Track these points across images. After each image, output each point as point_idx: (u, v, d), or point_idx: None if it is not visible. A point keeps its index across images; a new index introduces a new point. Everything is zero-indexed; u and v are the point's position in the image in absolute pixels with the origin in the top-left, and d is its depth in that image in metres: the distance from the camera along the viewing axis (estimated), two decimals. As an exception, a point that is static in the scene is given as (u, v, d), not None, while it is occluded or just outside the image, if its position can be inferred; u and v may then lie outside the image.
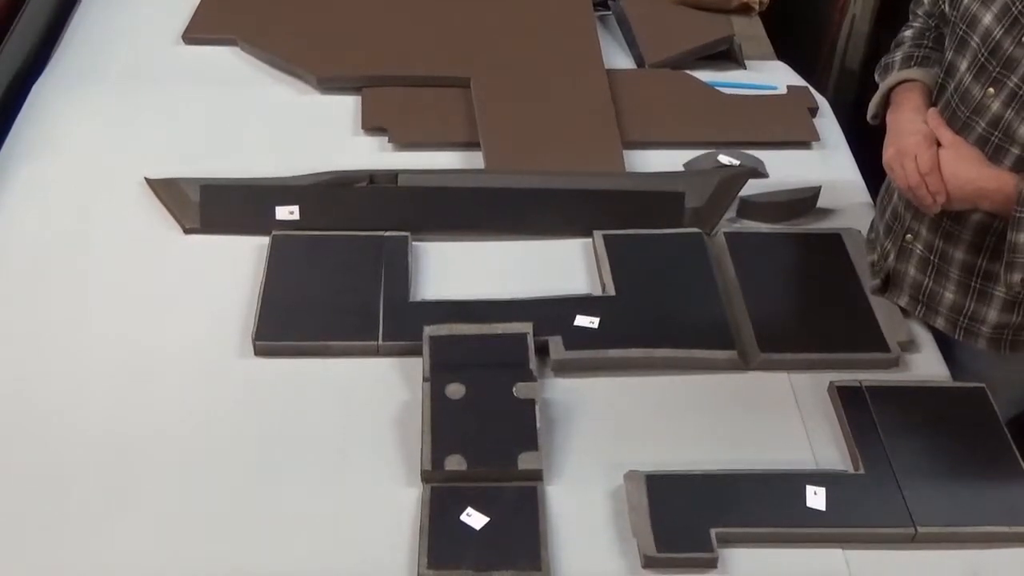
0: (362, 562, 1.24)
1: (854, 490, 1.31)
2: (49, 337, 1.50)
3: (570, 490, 1.33)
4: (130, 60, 2.05)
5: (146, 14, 2.17)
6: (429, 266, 1.63)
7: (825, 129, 1.93)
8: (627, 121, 1.90)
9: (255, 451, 1.36)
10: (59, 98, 1.93)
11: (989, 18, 1.34)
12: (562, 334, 1.49)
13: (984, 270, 1.43)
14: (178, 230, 1.68)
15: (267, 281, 1.55)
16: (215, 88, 1.98)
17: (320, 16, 2.13)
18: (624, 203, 1.71)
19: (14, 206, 1.71)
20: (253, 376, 1.46)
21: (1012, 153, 1.33)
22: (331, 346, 1.49)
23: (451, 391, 1.40)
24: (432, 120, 1.90)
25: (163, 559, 1.24)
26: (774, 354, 1.49)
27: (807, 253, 1.65)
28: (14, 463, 1.34)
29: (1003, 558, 1.27)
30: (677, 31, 2.12)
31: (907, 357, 1.51)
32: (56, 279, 1.59)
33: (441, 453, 1.32)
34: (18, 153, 1.82)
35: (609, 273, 1.60)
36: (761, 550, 1.27)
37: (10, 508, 1.29)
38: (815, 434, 1.41)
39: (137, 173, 1.75)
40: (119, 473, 1.33)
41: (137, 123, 1.89)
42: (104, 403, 1.41)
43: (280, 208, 1.68)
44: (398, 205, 1.71)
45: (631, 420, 1.42)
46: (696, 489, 1.31)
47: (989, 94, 1.34)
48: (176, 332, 1.51)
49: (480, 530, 1.25)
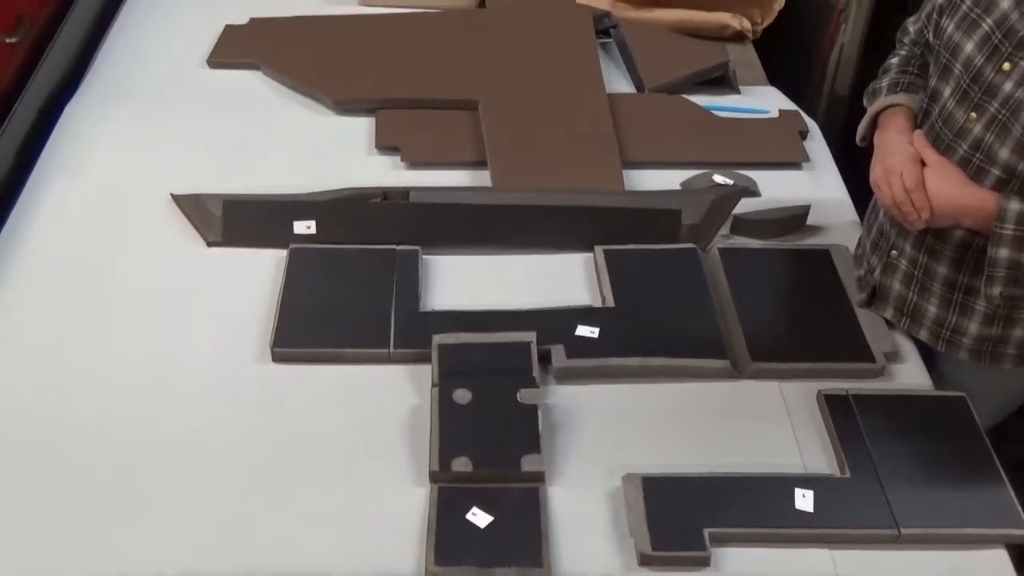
0: (373, 558, 1.25)
1: (841, 493, 1.31)
2: (80, 343, 1.50)
3: (571, 491, 1.33)
4: (158, 83, 2.06)
5: (173, 40, 2.18)
6: (438, 278, 1.64)
7: (815, 151, 1.93)
8: (627, 142, 1.90)
9: (273, 452, 1.37)
10: (90, 118, 1.94)
11: (971, 46, 1.34)
12: (564, 343, 1.49)
13: (966, 285, 1.44)
14: (201, 243, 1.68)
15: (285, 292, 1.56)
16: (238, 110, 1.99)
17: (336, 43, 2.14)
18: (623, 220, 1.71)
19: (48, 219, 1.72)
20: (271, 381, 1.46)
21: (992, 174, 1.33)
22: (345, 353, 1.49)
23: (458, 396, 1.40)
24: (442, 140, 1.91)
25: (184, 554, 1.24)
26: (765, 363, 1.49)
27: (797, 268, 1.66)
28: (45, 461, 1.34)
29: (983, 559, 1.27)
30: (675, 58, 2.12)
31: (892, 367, 1.51)
32: (86, 288, 1.59)
33: (448, 455, 1.32)
34: (52, 169, 1.83)
35: (609, 286, 1.60)
36: (752, 550, 1.27)
37: (41, 504, 1.29)
38: (804, 439, 1.41)
39: (163, 189, 1.76)
40: (144, 471, 1.33)
41: (164, 142, 1.90)
42: (130, 405, 1.42)
43: (298, 223, 1.68)
44: (409, 220, 1.72)
45: (629, 425, 1.42)
46: (690, 491, 1.31)
47: (971, 118, 1.35)
48: (198, 339, 1.52)
49: (485, 528, 1.25)
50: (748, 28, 2.22)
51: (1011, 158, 1.31)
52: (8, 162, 1.83)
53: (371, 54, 2.11)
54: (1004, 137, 1.31)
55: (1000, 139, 1.31)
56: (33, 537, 1.26)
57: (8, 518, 1.27)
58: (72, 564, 1.23)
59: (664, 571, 1.24)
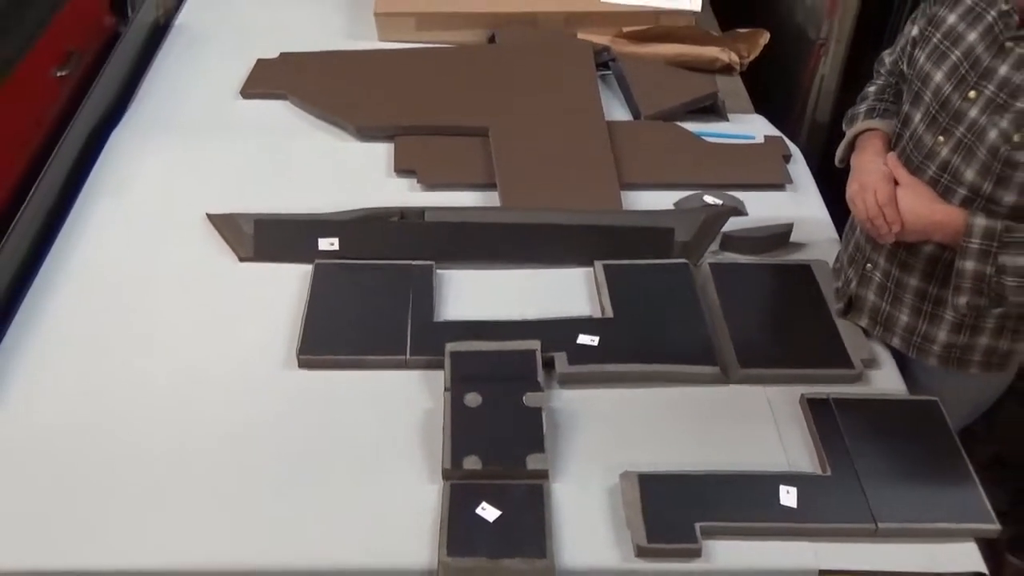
0: (390, 549, 1.24)
1: (822, 490, 1.30)
2: (124, 349, 1.51)
3: (572, 488, 1.33)
4: (195, 113, 2.07)
5: (209, 73, 2.19)
6: (451, 291, 1.64)
7: (797, 174, 1.93)
8: (624, 165, 1.90)
9: (298, 450, 1.36)
10: (133, 145, 1.95)
11: (940, 76, 1.34)
12: (566, 351, 1.49)
13: (935, 296, 1.43)
14: (234, 259, 1.69)
15: (310, 303, 1.56)
16: (268, 137, 2.00)
17: (358, 75, 2.15)
18: (621, 237, 1.71)
19: (95, 236, 1.73)
20: (297, 386, 1.46)
21: (959, 193, 1.33)
22: (365, 360, 1.49)
23: (469, 400, 1.40)
24: (455, 164, 1.91)
25: (217, 544, 1.25)
26: (752, 369, 1.48)
27: (781, 281, 1.65)
28: (91, 459, 1.34)
29: (954, 551, 1.26)
30: (668, 88, 2.12)
31: (869, 373, 1.50)
32: (130, 300, 1.60)
33: (459, 454, 1.32)
34: (98, 191, 1.83)
35: (608, 298, 1.60)
36: (740, 542, 1.26)
37: (89, 497, 1.29)
38: (788, 440, 1.40)
39: (199, 209, 1.77)
40: (180, 467, 1.34)
41: (200, 166, 1.90)
42: (169, 406, 1.42)
43: (322, 240, 1.68)
44: (425, 238, 1.72)
45: (626, 426, 1.41)
46: (683, 488, 1.30)
47: (939, 142, 1.34)
48: (230, 346, 1.52)
49: (493, 522, 1.25)
50: (736, 61, 2.22)
51: (976, 179, 1.30)
52: (58, 184, 1.84)
53: (390, 85, 2.12)
54: (970, 159, 1.30)
55: (966, 161, 1.31)
56: (84, 526, 1.26)
57: (59, 509, 1.28)
58: (120, 547, 1.24)
59: (659, 562, 1.24)
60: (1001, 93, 1.26)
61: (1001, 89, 1.26)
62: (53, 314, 1.57)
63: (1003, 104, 1.26)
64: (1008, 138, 1.25)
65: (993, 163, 1.27)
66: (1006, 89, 1.26)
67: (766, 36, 2.27)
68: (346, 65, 2.19)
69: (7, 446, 1.36)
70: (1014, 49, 1.25)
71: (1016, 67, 1.25)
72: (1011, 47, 1.25)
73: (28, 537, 1.25)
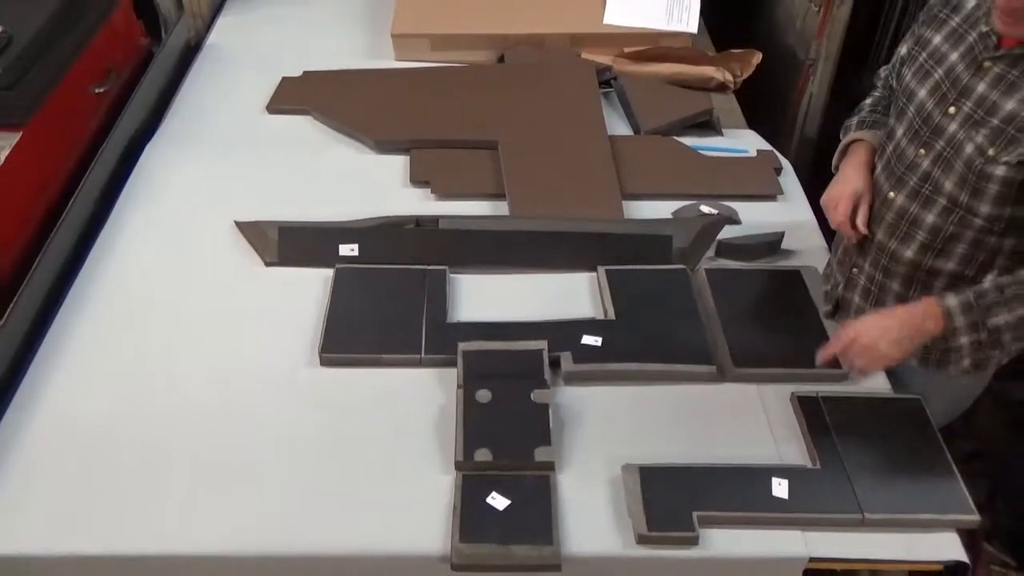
0: (406, 535, 1.24)
1: (812, 482, 1.30)
2: (158, 348, 1.51)
3: (577, 479, 1.32)
4: (224, 126, 2.08)
5: (237, 90, 2.20)
6: (463, 294, 1.64)
7: (787, 185, 1.93)
8: (625, 177, 1.90)
9: (320, 443, 1.37)
10: (167, 156, 1.96)
11: (923, 93, 1.34)
12: (571, 350, 1.49)
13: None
14: (260, 263, 1.69)
15: (331, 305, 1.56)
16: (291, 149, 2.00)
17: (376, 92, 2.16)
18: (622, 244, 1.71)
19: (130, 243, 1.73)
20: (319, 382, 1.46)
21: (939, 203, 1.33)
22: (383, 358, 1.49)
23: (480, 396, 1.39)
24: (467, 175, 1.91)
25: (246, 529, 1.25)
26: (745, 369, 1.48)
27: (772, 286, 1.65)
28: (128, 449, 1.35)
29: (936, 541, 1.26)
30: (667, 105, 2.12)
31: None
32: (163, 302, 1.60)
33: (471, 446, 1.32)
34: (134, 199, 1.84)
35: (610, 301, 1.59)
36: (734, 531, 1.26)
37: (127, 483, 1.30)
38: (779, 435, 1.40)
39: (228, 217, 1.77)
40: (211, 459, 1.34)
41: (229, 176, 1.91)
42: (200, 401, 1.42)
43: (343, 246, 1.68)
44: (438, 244, 1.72)
45: (628, 422, 1.41)
46: (681, 479, 1.30)
47: (920, 154, 1.34)
48: (257, 345, 1.52)
49: (503, 511, 1.25)
50: (730, 80, 2.22)
51: (954, 190, 1.30)
52: (96, 194, 1.84)
53: (406, 101, 2.12)
54: (948, 172, 1.30)
55: (945, 173, 1.31)
56: (124, 513, 1.26)
57: (99, 497, 1.28)
58: (160, 529, 1.24)
59: (658, 549, 1.24)
60: (978, 110, 1.26)
61: (978, 106, 1.26)
62: (91, 314, 1.57)
63: (980, 120, 1.25)
64: (983, 152, 1.25)
65: (969, 175, 1.27)
66: (983, 106, 1.25)
67: (758, 56, 2.26)
68: (365, 83, 2.20)
69: (50, 438, 1.36)
70: (992, 68, 1.25)
71: (993, 85, 1.25)
72: (989, 66, 1.25)
73: (73, 524, 1.25)
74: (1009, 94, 1.22)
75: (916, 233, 1.36)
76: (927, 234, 1.35)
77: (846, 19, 2.23)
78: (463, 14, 2.34)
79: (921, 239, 1.36)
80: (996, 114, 1.24)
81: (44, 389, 1.44)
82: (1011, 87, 1.22)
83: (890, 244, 1.40)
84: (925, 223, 1.35)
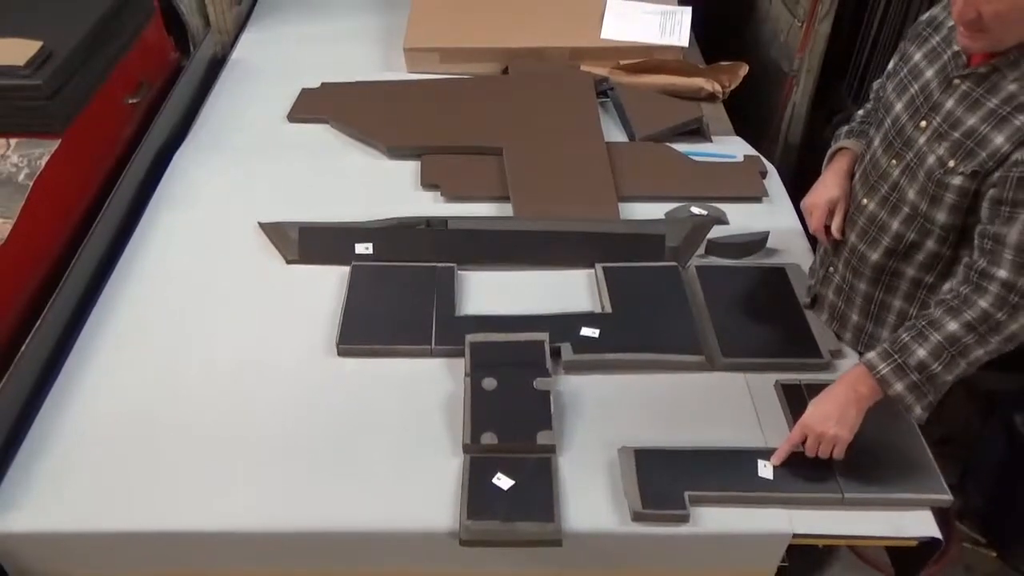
0: (418, 512, 1.24)
1: (795, 464, 1.30)
2: (187, 341, 1.51)
3: (576, 461, 1.32)
4: (248, 135, 2.07)
5: (260, 101, 2.20)
6: (470, 289, 1.63)
7: (772, 188, 1.92)
8: (621, 180, 1.89)
9: (337, 428, 1.37)
10: (194, 163, 1.96)
11: (900, 106, 1.33)
12: (571, 341, 1.49)
13: (880, 300, 1.41)
14: (281, 261, 1.69)
15: (348, 300, 1.56)
16: (311, 155, 2.00)
17: (390, 101, 2.15)
18: (618, 242, 1.71)
19: (161, 243, 1.73)
20: (336, 371, 1.46)
21: (903, 211, 1.32)
22: (396, 349, 1.49)
23: (486, 384, 1.39)
24: (474, 179, 1.91)
25: (267, 506, 1.25)
26: (733, 359, 1.47)
27: (758, 282, 1.64)
28: (159, 436, 1.35)
29: (912, 519, 1.26)
30: (659, 113, 2.12)
31: (836, 362, 1.49)
32: (191, 298, 1.60)
33: (478, 430, 1.32)
34: (163, 204, 1.84)
35: (607, 295, 1.59)
36: (723, 509, 1.26)
37: (162, 463, 1.30)
38: (765, 420, 1.39)
39: (252, 219, 1.77)
40: (238, 440, 1.34)
41: (252, 181, 1.91)
42: (228, 389, 1.43)
43: (358, 245, 1.68)
44: (448, 243, 1.71)
45: (624, 408, 1.41)
46: (673, 461, 1.30)
47: (892, 165, 1.33)
48: (279, 337, 1.52)
49: (507, 490, 1.25)
50: (718, 90, 2.21)
51: (915, 198, 1.29)
52: (128, 198, 1.84)
53: (417, 110, 2.12)
54: (912, 181, 1.29)
55: (909, 183, 1.30)
56: (153, 493, 1.27)
57: (131, 480, 1.29)
58: (185, 513, 1.24)
59: (652, 526, 1.24)
60: (944, 124, 1.24)
61: (944, 121, 1.24)
62: (126, 307, 1.57)
63: (943, 134, 1.24)
64: (943, 163, 1.23)
65: (929, 185, 1.26)
66: (948, 121, 1.24)
67: (745, 68, 2.26)
68: (379, 93, 2.19)
69: (89, 422, 1.37)
70: (960, 86, 1.23)
71: (959, 101, 1.23)
72: (957, 84, 1.23)
73: (110, 503, 1.25)
74: (972, 111, 1.21)
75: (882, 238, 1.35)
76: (891, 240, 1.34)
77: (827, 34, 2.23)
78: (470, 29, 2.34)
79: (886, 244, 1.35)
80: (958, 128, 1.22)
81: (82, 377, 1.44)
82: (975, 104, 1.21)
83: (860, 247, 1.39)
84: (891, 229, 1.34)
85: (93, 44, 1.86)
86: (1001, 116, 1.18)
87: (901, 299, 1.38)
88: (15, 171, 1.62)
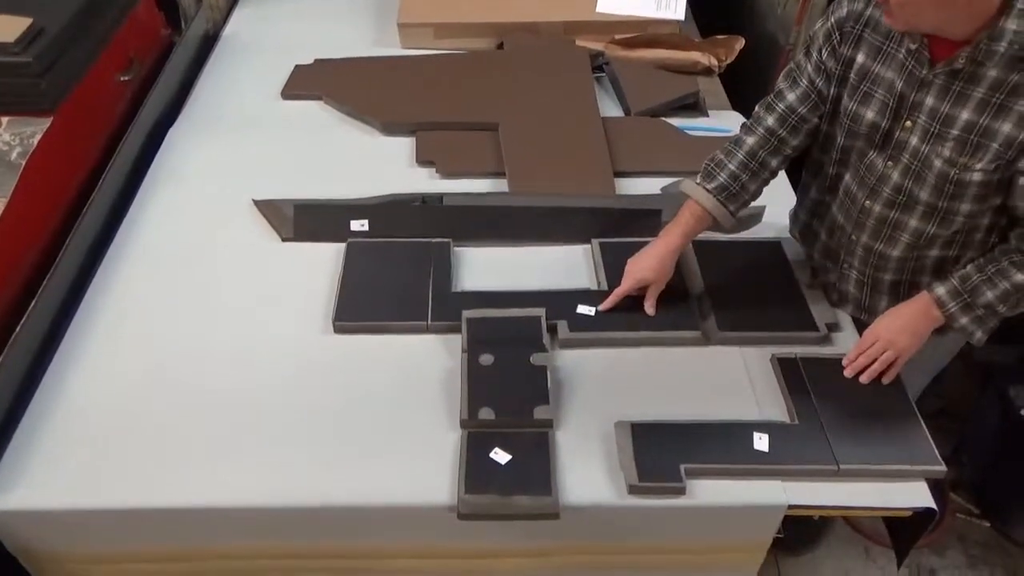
0: (417, 487, 1.25)
1: (790, 436, 1.30)
2: (184, 318, 1.51)
3: (573, 435, 1.33)
4: (241, 112, 2.06)
5: (254, 77, 2.18)
6: (466, 265, 1.63)
7: (769, 162, 1.91)
8: (617, 155, 1.88)
9: (334, 405, 1.37)
10: (188, 140, 1.94)
11: (872, 114, 1.29)
12: (567, 318, 1.48)
13: (908, 282, 1.41)
14: (277, 239, 1.68)
15: (344, 276, 1.56)
16: (305, 132, 1.99)
17: (384, 78, 2.13)
18: (615, 218, 1.70)
19: (155, 221, 1.72)
20: (333, 348, 1.46)
21: (918, 209, 1.31)
22: (392, 325, 1.48)
23: (483, 359, 1.39)
24: (469, 155, 1.90)
25: (267, 480, 1.25)
26: (729, 332, 1.47)
27: (754, 256, 1.63)
28: (158, 410, 1.35)
29: (906, 489, 1.26)
30: (655, 88, 2.10)
31: (832, 335, 1.49)
32: (187, 275, 1.60)
33: (476, 406, 1.32)
34: (158, 181, 1.83)
35: (603, 272, 1.59)
36: (719, 481, 1.26)
37: (158, 440, 1.30)
38: (761, 393, 1.40)
39: (246, 196, 1.76)
40: (235, 417, 1.34)
41: (246, 158, 1.89)
42: (224, 366, 1.42)
43: (354, 222, 1.68)
44: (443, 219, 1.71)
45: (620, 383, 1.41)
46: (669, 434, 1.30)
47: (889, 167, 1.31)
48: (275, 315, 1.52)
49: (505, 464, 1.25)
50: (715, 64, 2.20)
51: (931, 198, 1.28)
52: (124, 175, 1.83)
53: (412, 87, 2.10)
54: (921, 184, 1.28)
55: (918, 185, 1.28)
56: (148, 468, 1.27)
57: (127, 454, 1.29)
58: (183, 489, 1.24)
59: (648, 498, 1.24)
60: (934, 123, 1.23)
61: (932, 119, 1.23)
62: (120, 288, 1.57)
63: (940, 134, 1.22)
64: (954, 163, 1.22)
65: (946, 185, 1.25)
66: (937, 118, 1.22)
67: (741, 42, 2.24)
68: (373, 69, 2.17)
69: (85, 400, 1.37)
70: (934, 82, 1.21)
71: (940, 97, 1.21)
72: (930, 80, 1.21)
73: (106, 479, 1.26)
74: (960, 104, 1.20)
75: (900, 236, 1.35)
76: (911, 236, 1.34)
77: (824, 6, 2.20)
78: (464, 4, 2.31)
79: (906, 240, 1.35)
80: (954, 125, 1.21)
81: (78, 355, 1.44)
82: (960, 97, 1.19)
83: (877, 246, 1.39)
84: (908, 226, 1.33)
85: (84, 20, 1.84)
86: (997, 104, 1.17)
87: (930, 275, 1.39)
88: (7, 150, 1.61)
